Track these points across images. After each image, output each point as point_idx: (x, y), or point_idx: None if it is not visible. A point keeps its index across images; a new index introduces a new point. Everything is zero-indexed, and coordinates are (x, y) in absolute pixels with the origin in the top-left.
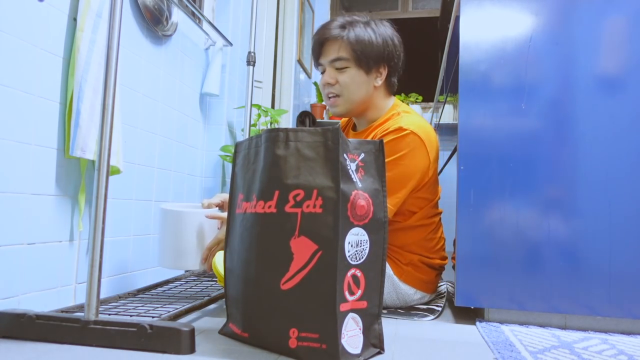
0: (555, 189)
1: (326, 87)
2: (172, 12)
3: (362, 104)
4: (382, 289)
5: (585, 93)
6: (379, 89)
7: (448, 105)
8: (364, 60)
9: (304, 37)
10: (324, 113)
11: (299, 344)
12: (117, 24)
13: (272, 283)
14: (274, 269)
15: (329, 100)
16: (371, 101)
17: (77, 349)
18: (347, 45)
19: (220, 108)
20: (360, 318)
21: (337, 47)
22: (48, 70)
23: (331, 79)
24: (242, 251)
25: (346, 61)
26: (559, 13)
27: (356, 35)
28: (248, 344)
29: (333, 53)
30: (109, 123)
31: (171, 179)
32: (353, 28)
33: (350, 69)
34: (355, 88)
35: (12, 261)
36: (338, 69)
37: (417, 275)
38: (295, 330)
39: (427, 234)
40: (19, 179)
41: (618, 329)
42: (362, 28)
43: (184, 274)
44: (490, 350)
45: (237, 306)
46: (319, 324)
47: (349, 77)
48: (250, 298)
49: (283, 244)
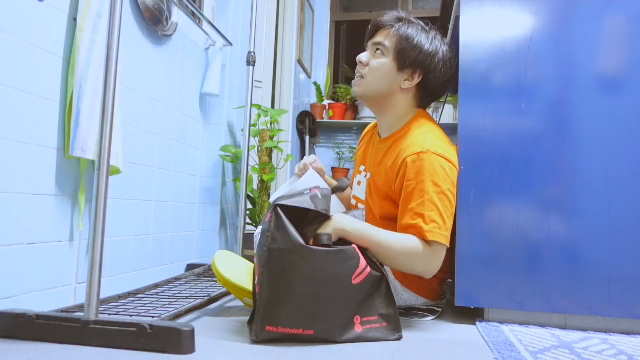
0: (555, 189)
1: (358, 65)
2: (172, 12)
3: (381, 97)
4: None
5: (585, 93)
6: (405, 93)
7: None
8: (401, 56)
9: (304, 37)
10: (324, 113)
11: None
12: (117, 24)
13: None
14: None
15: (355, 78)
16: (393, 100)
17: (77, 349)
18: (395, 36)
19: (220, 108)
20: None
21: (385, 34)
22: (48, 70)
23: (365, 58)
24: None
25: (385, 49)
26: (559, 13)
27: (407, 32)
28: (309, 341)
29: (379, 38)
30: (109, 123)
31: (171, 179)
32: (409, 25)
33: (385, 57)
34: (380, 76)
35: (12, 261)
36: (375, 53)
37: (421, 282)
38: (358, 317)
39: None
40: (19, 179)
41: (618, 329)
42: (417, 30)
43: (184, 274)
44: (490, 350)
45: (293, 309)
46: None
47: (380, 63)
48: (321, 296)
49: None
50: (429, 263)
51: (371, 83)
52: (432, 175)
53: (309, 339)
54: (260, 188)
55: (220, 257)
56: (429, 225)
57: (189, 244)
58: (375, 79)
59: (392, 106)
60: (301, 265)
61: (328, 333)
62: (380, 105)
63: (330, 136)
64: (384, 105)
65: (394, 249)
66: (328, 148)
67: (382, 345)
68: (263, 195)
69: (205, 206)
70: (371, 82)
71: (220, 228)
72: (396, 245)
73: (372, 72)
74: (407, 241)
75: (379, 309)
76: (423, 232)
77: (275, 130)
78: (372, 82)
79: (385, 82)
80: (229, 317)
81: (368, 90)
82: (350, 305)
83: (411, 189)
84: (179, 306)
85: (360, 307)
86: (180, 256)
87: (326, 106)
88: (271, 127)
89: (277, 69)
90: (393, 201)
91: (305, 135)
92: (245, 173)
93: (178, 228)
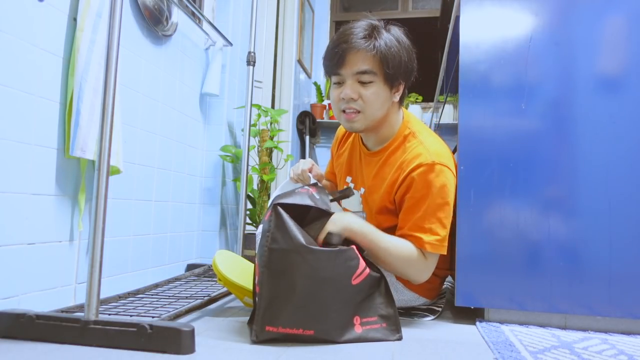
0: (555, 189)
1: (345, 102)
2: (172, 12)
3: (379, 121)
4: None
5: (585, 93)
6: (394, 104)
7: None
8: (391, 77)
9: (304, 37)
10: (324, 113)
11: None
12: (117, 24)
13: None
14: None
15: (345, 114)
16: (387, 117)
17: (77, 349)
18: (377, 58)
19: (220, 108)
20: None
21: (363, 58)
22: (48, 70)
23: (354, 93)
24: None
25: (373, 75)
26: (559, 13)
27: (387, 47)
28: (309, 341)
29: (359, 64)
30: (109, 123)
31: (171, 179)
32: (380, 37)
33: (375, 84)
34: (379, 105)
35: (12, 261)
36: (362, 83)
37: (423, 282)
38: (357, 317)
39: None
40: (19, 179)
41: (618, 329)
42: (389, 38)
43: (184, 274)
44: (490, 350)
45: (293, 309)
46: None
47: (374, 93)
48: (321, 296)
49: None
50: (423, 271)
51: (371, 115)
52: (437, 188)
53: (309, 339)
54: (260, 188)
55: (221, 257)
56: (430, 238)
57: (189, 244)
58: (375, 110)
59: (385, 122)
60: (301, 265)
61: (328, 333)
62: (376, 126)
63: (330, 136)
64: (379, 124)
65: (394, 254)
66: (328, 148)
67: (382, 345)
68: (263, 195)
69: (205, 206)
70: (371, 113)
71: (220, 228)
72: (396, 251)
73: (370, 104)
74: (407, 248)
75: (378, 309)
76: (423, 244)
77: (275, 130)
78: (372, 113)
79: (384, 108)
80: (229, 317)
81: (369, 122)
82: (350, 306)
83: (415, 201)
84: (179, 306)
85: (359, 307)
86: (180, 256)
87: (326, 106)
88: (271, 127)
89: (277, 69)
90: (391, 212)
91: (305, 135)
92: (245, 173)
93: (178, 228)
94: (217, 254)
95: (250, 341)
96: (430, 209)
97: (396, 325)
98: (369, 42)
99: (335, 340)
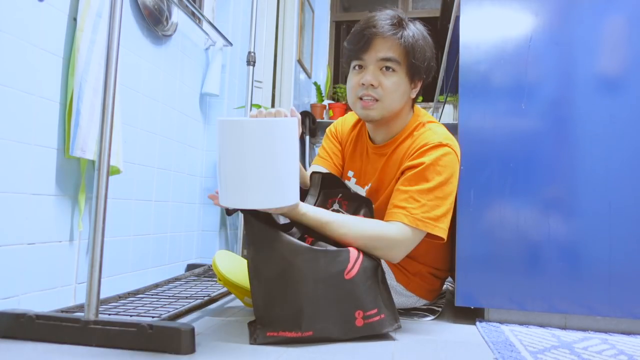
0: (556, 189)
1: (364, 87)
2: (172, 12)
3: (395, 114)
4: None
5: (585, 93)
6: (409, 100)
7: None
8: (413, 70)
9: (304, 37)
10: (324, 113)
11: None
12: (117, 24)
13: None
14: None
15: (362, 101)
16: (401, 112)
17: (77, 349)
18: (403, 48)
19: (220, 108)
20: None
21: (390, 46)
22: (48, 70)
23: (375, 80)
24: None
25: (396, 64)
26: (559, 13)
27: (414, 39)
28: (310, 341)
29: (385, 50)
30: (109, 123)
31: (171, 179)
32: (408, 27)
33: (397, 74)
34: (398, 97)
35: (12, 261)
36: (385, 70)
37: (423, 284)
38: (360, 311)
39: (440, 247)
40: (19, 179)
41: (618, 329)
42: (416, 31)
43: (184, 274)
44: (490, 350)
45: (289, 313)
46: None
47: (395, 83)
48: (314, 297)
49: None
50: (398, 247)
51: (389, 105)
52: (440, 165)
53: (309, 339)
54: None
55: (221, 257)
56: (418, 211)
57: (189, 244)
58: (393, 101)
59: (399, 116)
60: (288, 270)
61: (328, 332)
62: (390, 120)
63: None
64: (393, 118)
65: (365, 230)
66: None
67: (382, 345)
68: None
69: (205, 206)
70: (389, 104)
71: (220, 228)
72: (359, 223)
73: (389, 94)
74: (376, 222)
75: (377, 300)
76: (410, 215)
77: None
78: (390, 104)
79: (402, 100)
80: (229, 317)
81: (385, 113)
82: (349, 301)
83: (414, 174)
84: (179, 306)
85: (360, 300)
86: (180, 256)
87: (326, 106)
88: None
89: (277, 69)
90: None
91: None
92: None
93: (178, 228)
94: (217, 254)
95: (250, 341)
96: (428, 187)
97: (394, 314)
98: (397, 30)
99: (335, 338)
